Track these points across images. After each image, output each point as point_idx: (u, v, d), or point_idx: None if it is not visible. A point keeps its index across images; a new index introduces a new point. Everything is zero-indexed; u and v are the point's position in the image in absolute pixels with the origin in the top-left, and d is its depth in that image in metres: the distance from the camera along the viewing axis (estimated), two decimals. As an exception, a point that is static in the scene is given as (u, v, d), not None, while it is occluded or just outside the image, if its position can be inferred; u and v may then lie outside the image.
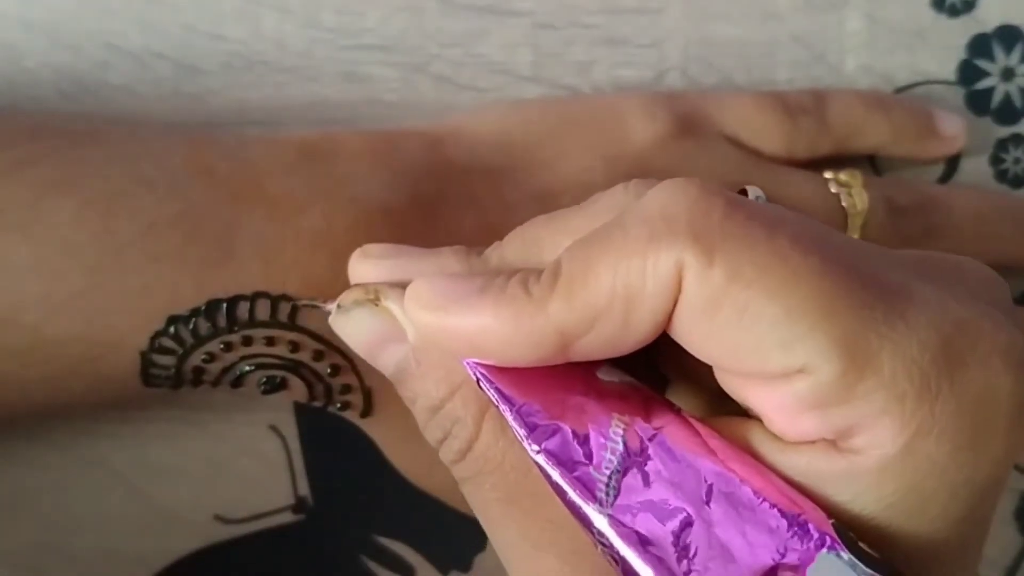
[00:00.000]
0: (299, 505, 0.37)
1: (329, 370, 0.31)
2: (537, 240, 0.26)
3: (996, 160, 0.39)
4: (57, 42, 0.35)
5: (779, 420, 0.23)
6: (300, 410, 0.36)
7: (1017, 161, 0.39)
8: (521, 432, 0.24)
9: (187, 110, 0.36)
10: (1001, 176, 0.39)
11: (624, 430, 0.24)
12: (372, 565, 0.37)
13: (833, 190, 0.36)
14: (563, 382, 0.25)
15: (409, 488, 0.34)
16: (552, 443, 0.24)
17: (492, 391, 0.25)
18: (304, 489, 0.37)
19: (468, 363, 0.25)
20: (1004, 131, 0.39)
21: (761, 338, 0.22)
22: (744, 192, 0.26)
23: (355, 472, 0.37)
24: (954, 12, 0.38)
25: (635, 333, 0.23)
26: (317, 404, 0.32)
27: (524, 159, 0.34)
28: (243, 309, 0.30)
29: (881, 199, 0.36)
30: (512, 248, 0.27)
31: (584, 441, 0.24)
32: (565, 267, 0.24)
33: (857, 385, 0.22)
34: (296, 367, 0.31)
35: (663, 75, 0.38)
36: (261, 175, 0.31)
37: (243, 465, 0.36)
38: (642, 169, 0.34)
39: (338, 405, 0.32)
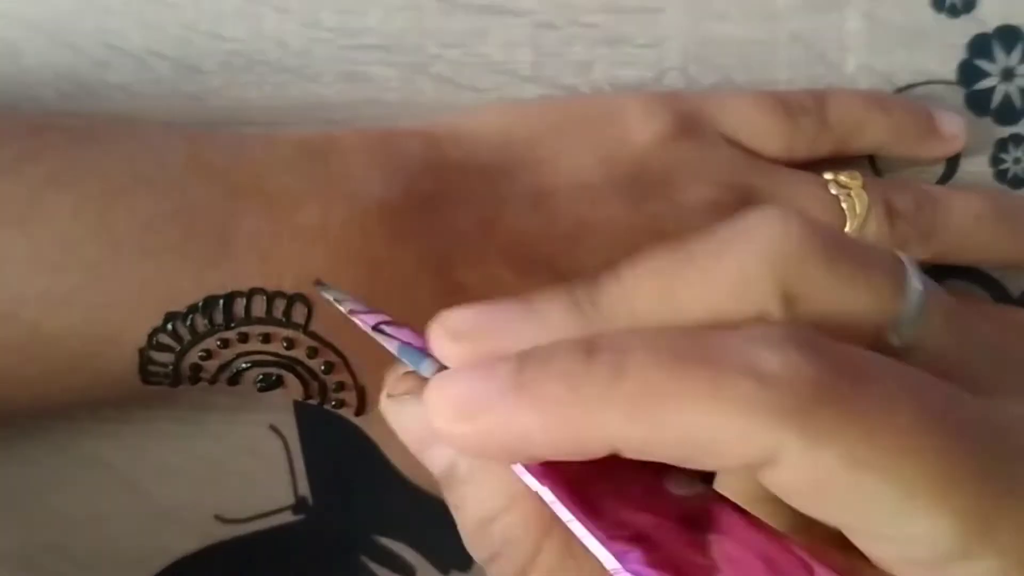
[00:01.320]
0: (299, 505, 0.37)
1: (323, 367, 0.31)
2: (672, 290, 0.23)
3: (996, 160, 0.39)
4: (56, 41, 0.36)
5: (885, 565, 0.22)
6: (300, 410, 0.36)
7: (1017, 161, 0.39)
8: (597, 547, 0.21)
9: (187, 110, 0.36)
10: (1001, 176, 0.39)
11: (714, 548, 0.22)
12: (372, 565, 0.37)
13: (833, 191, 0.36)
14: (635, 498, 0.22)
15: (409, 488, 0.34)
16: (633, 562, 0.21)
17: (557, 504, 0.22)
18: (304, 489, 0.37)
19: (523, 470, 0.22)
20: (1004, 131, 0.39)
21: (875, 512, 0.21)
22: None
23: (355, 472, 0.37)
24: (954, 12, 0.38)
25: (698, 469, 0.21)
26: (313, 402, 0.32)
27: (523, 158, 0.34)
28: (239, 305, 0.30)
29: (881, 201, 0.36)
30: (643, 298, 0.23)
31: (668, 557, 0.21)
32: (633, 375, 0.20)
33: (973, 551, 0.21)
34: (291, 364, 0.31)
35: (663, 75, 0.38)
36: (259, 172, 0.32)
37: (243, 465, 0.36)
38: (641, 169, 0.34)
39: (333, 403, 0.32)
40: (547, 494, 0.22)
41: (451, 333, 0.23)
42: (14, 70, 0.35)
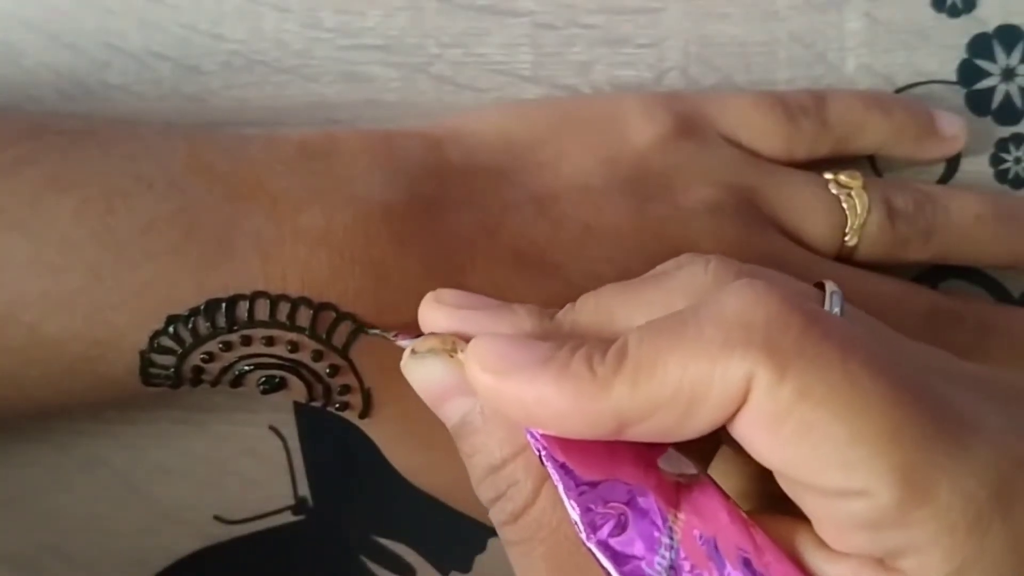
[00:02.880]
0: (299, 505, 0.37)
1: (328, 370, 0.31)
2: (610, 309, 0.27)
3: (996, 160, 0.39)
4: (57, 41, 0.35)
5: (830, 531, 0.24)
6: (300, 410, 0.36)
7: (1018, 161, 0.39)
8: (575, 515, 0.24)
9: (187, 110, 0.36)
10: (1001, 176, 0.39)
11: (680, 528, 0.24)
12: (372, 565, 0.37)
13: (833, 191, 0.36)
14: (624, 466, 0.25)
15: (409, 488, 0.34)
16: (605, 532, 0.24)
17: (553, 468, 0.25)
18: (304, 489, 0.37)
19: (530, 433, 0.25)
20: (1004, 131, 0.39)
21: (824, 457, 0.23)
22: (821, 286, 0.26)
23: (355, 472, 0.37)
24: (955, 12, 0.38)
25: (692, 430, 0.24)
26: (316, 404, 0.32)
27: (523, 159, 0.34)
28: (242, 309, 0.30)
29: (881, 200, 0.36)
30: (584, 314, 0.27)
31: (639, 534, 0.24)
32: (633, 351, 0.24)
33: (912, 512, 0.22)
34: (295, 367, 0.31)
35: (663, 75, 0.38)
36: (261, 173, 0.31)
37: (243, 465, 0.37)
38: (642, 170, 0.34)
39: (337, 405, 0.32)
40: (544, 456, 0.25)
41: (443, 301, 0.28)
42: (14, 70, 0.35)
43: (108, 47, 0.36)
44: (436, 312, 0.28)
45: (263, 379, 0.32)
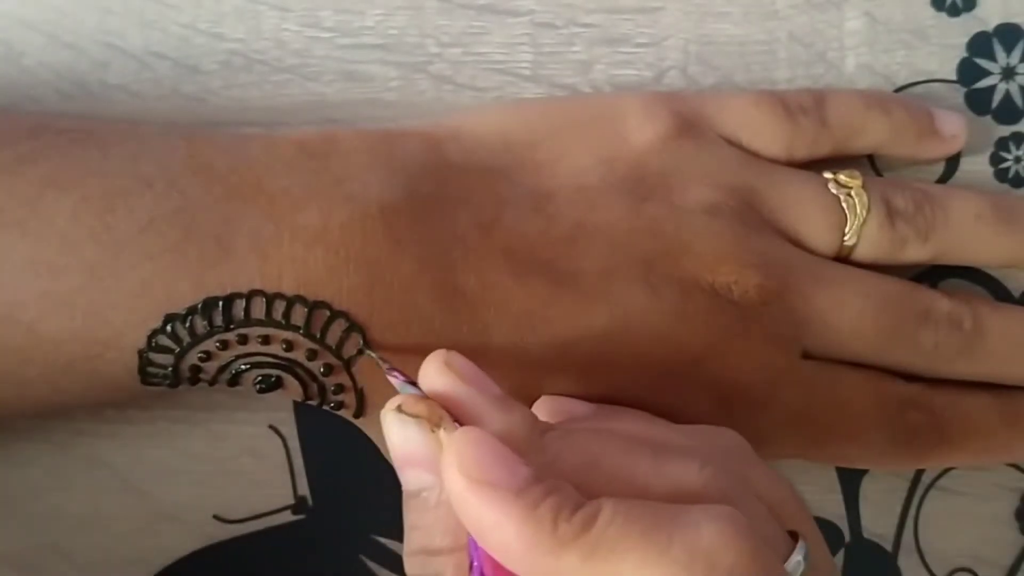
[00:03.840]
0: (299, 505, 0.37)
1: (323, 369, 0.31)
2: (596, 464, 0.26)
3: (996, 159, 0.39)
4: (57, 41, 0.36)
5: None
6: (300, 410, 0.36)
7: (1018, 160, 0.39)
8: None
9: (187, 110, 0.36)
10: (1001, 176, 0.39)
11: None
12: (372, 565, 0.37)
13: (833, 191, 0.36)
14: None
15: (409, 488, 0.34)
16: None
17: None
18: (304, 489, 0.37)
19: (472, 542, 0.25)
20: (1005, 130, 0.39)
21: None
22: (795, 536, 0.26)
23: (355, 472, 0.37)
24: (955, 11, 0.38)
25: None
26: (312, 403, 0.32)
27: (522, 159, 0.34)
28: (239, 307, 0.30)
29: (880, 200, 0.36)
30: (571, 455, 0.26)
31: None
32: (600, 527, 0.24)
33: None
34: (291, 366, 0.31)
35: (663, 74, 0.38)
36: (259, 172, 0.31)
37: (243, 465, 0.36)
38: (641, 170, 0.34)
39: (332, 404, 0.32)
40: (475, 571, 0.25)
41: (452, 368, 0.27)
42: (14, 71, 0.35)
43: (108, 47, 0.36)
44: (440, 376, 0.27)
45: (259, 378, 0.32)
